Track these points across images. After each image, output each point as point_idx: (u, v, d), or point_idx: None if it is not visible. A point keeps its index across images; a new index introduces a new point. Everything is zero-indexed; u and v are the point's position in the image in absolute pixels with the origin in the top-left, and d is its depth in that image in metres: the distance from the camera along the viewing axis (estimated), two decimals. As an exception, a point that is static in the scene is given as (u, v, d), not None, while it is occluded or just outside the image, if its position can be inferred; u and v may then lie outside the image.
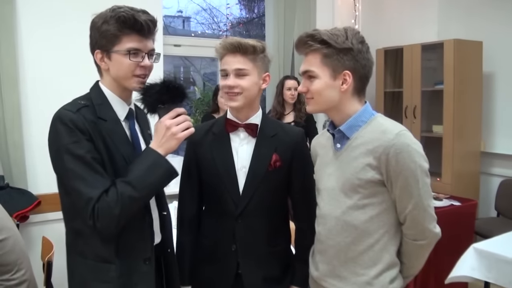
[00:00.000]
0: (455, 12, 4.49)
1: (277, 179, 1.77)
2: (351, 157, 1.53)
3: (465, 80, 4.09)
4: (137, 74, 1.53)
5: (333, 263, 1.58)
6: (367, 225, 1.51)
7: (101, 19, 1.48)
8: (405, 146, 1.44)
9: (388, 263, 1.54)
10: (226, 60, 1.70)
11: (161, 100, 1.52)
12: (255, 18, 5.62)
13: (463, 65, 4.07)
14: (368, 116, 1.56)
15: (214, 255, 1.80)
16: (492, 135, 4.34)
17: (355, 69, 1.51)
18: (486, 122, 4.34)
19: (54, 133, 1.44)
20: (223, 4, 5.40)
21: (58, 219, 3.36)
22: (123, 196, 1.40)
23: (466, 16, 4.42)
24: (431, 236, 1.53)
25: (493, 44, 4.21)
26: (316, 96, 1.54)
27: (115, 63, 1.51)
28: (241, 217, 1.74)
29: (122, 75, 1.52)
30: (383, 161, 1.45)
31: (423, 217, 1.49)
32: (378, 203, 1.51)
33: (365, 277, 1.53)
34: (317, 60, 1.51)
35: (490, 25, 4.24)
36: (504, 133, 4.26)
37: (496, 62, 4.25)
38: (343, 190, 1.54)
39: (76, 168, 1.39)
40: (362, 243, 1.52)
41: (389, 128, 1.49)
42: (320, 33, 1.50)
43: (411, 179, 1.44)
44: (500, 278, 2.49)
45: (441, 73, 4.19)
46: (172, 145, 1.49)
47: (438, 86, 4.27)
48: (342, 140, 1.58)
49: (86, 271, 1.49)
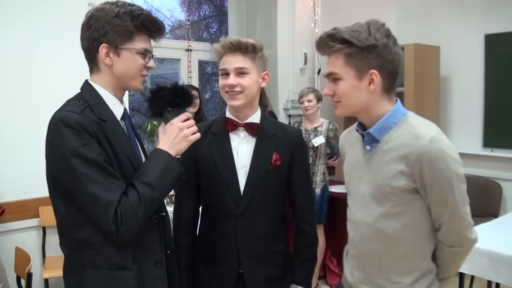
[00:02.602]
0: (413, 18, 4.70)
1: (277, 178, 1.78)
2: (382, 162, 1.45)
3: (424, 83, 4.29)
4: (143, 75, 1.51)
5: (367, 270, 1.52)
6: (400, 233, 1.44)
7: (109, 13, 1.41)
8: (440, 152, 1.34)
9: (424, 270, 1.48)
10: (226, 59, 1.70)
11: (173, 102, 1.51)
12: (197, 21, 5.61)
13: (422, 68, 4.27)
14: (399, 117, 1.46)
15: (215, 256, 1.79)
16: (449, 135, 4.55)
17: (382, 66, 1.40)
18: (443, 123, 4.56)
19: (58, 137, 1.34)
20: (165, 6, 5.36)
21: (24, 228, 3.29)
22: (145, 197, 1.37)
23: (423, 22, 4.64)
24: (468, 243, 1.46)
25: (449, 49, 4.44)
26: (343, 99, 1.45)
27: (125, 61, 1.45)
28: (242, 216, 1.74)
29: (130, 73, 1.48)
30: (416, 169, 1.37)
31: (459, 224, 1.42)
32: (412, 211, 1.43)
33: (400, 285, 1.47)
34: (340, 61, 1.42)
35: (446, 31, 4.47)
36: (459, 132, 4.51)
37: (452, 66, 4.49)
38: (375, 197, 1.47)
39: (90, 172, 1.32)
40: (396, 251, 1.46)
41: (422, 132, 1.39)
42: (340, 31, 1.40)
43: (447, 186, 1.36)
44: (475, 268, 2.62)
45: (400, 76, 4.35)
46: (182, 147, 1.50)
47: (397, 88, 4.42)
48: (371, 142, 1.49)
49: (101, 283, 1.40)
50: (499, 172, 4.22)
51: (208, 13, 5.99)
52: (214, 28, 6.24)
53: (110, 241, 1.38)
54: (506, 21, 4.06)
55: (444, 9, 4.51)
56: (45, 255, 3.44)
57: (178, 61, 4.69)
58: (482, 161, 4.33)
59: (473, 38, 4.29)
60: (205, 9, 5.92)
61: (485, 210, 4.15)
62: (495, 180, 4.20)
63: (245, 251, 1.75)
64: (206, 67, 5.66)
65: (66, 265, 1.48)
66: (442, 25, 4.51)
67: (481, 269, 2.59)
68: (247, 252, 1.75)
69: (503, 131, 4.20)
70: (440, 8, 4.54)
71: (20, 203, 3.33)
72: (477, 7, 4.26)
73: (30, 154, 3.23)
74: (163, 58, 4.88)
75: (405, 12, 4.72)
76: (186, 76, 4.60)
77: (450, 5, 4.46)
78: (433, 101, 4.43)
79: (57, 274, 3.12)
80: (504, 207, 4.16)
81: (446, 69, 4.49)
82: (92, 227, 1.37)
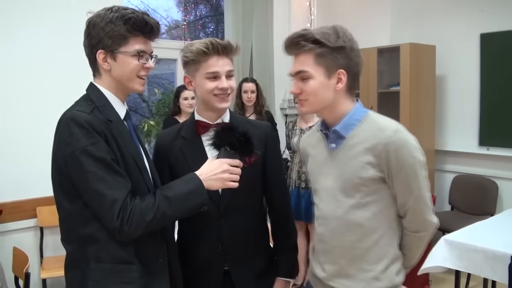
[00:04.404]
0: (407, 17, 4.73)
1: (254, 174, 1.78)
2: (349, 156, 1.52)
3: (419, 82, 4.31)
4: (141, 75, 1.53)
5: (340, 262, 1.57)
6: (371, 222, 1.51)
7: (104, 19, 1.45)
8: (404, 142, 1.45)
9: (393, 256, 1.55)
10: (215, 62, 1.68)
11: (234, 145, 1.55)
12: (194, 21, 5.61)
13: (418, 68, 4.29)
14: (361, 114, 1.55)
15: (199, 259, 1.79)
16: (445, 134, 4.61)
17: (348, 67, 1.50)
18: (439, 122, 4.59)
19: (68, 135, 1.37)
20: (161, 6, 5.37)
21: (21, 228, 3.30)
22: (159, 209, 1.40)
23: (417, 21, 4.67)
24: (431, 226, 1.56)
25: (445, 48, 4.47)
26: (311, 97, 1.52)
27: (121, 64, 1.48)
28: (224, 217, 1.74)
29: (126, 76, 1.50)
30: (383, 158, 1.45)
31: (423, 209, 1.51)
32: (380, 200, 1.51)
33: (372, 272, 1.53)
34: (310, 60, 1.49)
35: (441, 30, 4.50)
36: (455, 131, 4.54)
37: (448, 65, 4.52)
38: (344, 190, 1.53)
39: (98, 171, 1.35)
40: (367, 240, 1.52)
41: (386, 125, 1.49)
42: (312, 32, 1.47)
43: (411, 174, 1.45)
44: (471, 266, 2.65)
45: (395, 76, 4.39)
46: (216, 185, 1.52)
47: (393, 88, 4.46)
48: (337, 139, 1.56)
49: (104, 275, 1.43)
50: (495, 170, 4.25)
51: (204, 13, 6.00)
52: (211, 28, 6.25)
53: (113, 238, 1.40)
54: (502, 20, 4.09)
55: (440, 9, 4.53)
56: (43, 255, 3.45)
57: (174, 61, 4.70)
58: (478, 159, 4.36)
59: (469, 37, 4.32)
60: (201, 9, 5.93)
61: (481, 208, 4.18)
62: (491, 179, 4.23)
63: (230, 251, 1.75)
64: (203, 67, 5.64)
65: (68, 260, 1.50)
66: (437, 24, 4.53)
67: (476, 266, 2.61)
68: (232, 251, 1.75)
69: (499, 130, 4.22)
70: (435, 8, 4.56)
71: (18, 204, 3.34)
72: (473, 6, 4.28)
73: (28, 155, 3.26)
74: (159, 59, 4.87)
75: (401, 11, 4.74)
76: (183, 77, 4.60)
77: (445, 4, 4.49)
78: (429, 100, 4.46)
79: (55, 274, 3.13)
80: (500, 205, 4.18)
81: (442, 68, 4.51)
82: (97, 222, 1.40)
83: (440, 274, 3.43)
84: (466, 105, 4.43)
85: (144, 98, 5.62)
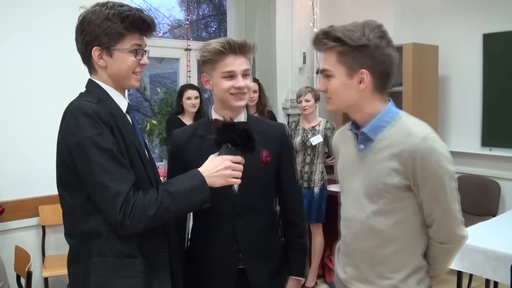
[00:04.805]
0: (410, 18, 4.72)
1: (269, 174, 1.81)
2: (376, 160, 1.48)
3: (422, 82, 4.30)
4: (136, 72, 1.53)
5: (360, 266, 1.55)
6: (392, 230, 1.47)
7: (99, 16, 1.44)
8: (432, 150, 1.37)
9: (415, 267, 1.51)
10: (232, 61, 1.71)
11: (235, 142, 1.54)
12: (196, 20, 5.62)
13: (421, 68, 4.28)
14: (392, 116, 1.49)
15: (213, 257, 1.80)
16: (447, 134, 4.59)
17: (373, 66, 1.43)
18: (442, 122, 4.58)
19: (75, 124, 1.36)
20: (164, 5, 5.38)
21: (24, 227, 3.30)
22: (162, 204, 1.40)
23: (420, 21, 4.66)
24: (459, 240, 1.49)
25: (448, 48, 4.45)
26: (334, 95, 1.50)
27: (117, 61, 1.48)
28: (239, 216, 1.76)
29: (123, 72, 1.50)
30: (409, 166, 1.39)
31: (450, 221, 1.45)
32: (404, 208, 1.46)
33: (392, 280, 1.49)
34: (333, 58, 1.45)
35: (444, 31, 4.48)
36: (458, 132, 4.53)
37: (451, 66, 4.50)
38: (368, 195, 1.49)
39: (103, 161, 1.35)
40: (388, 248, 1.48)
41: (415, 130, 1.42)
42: (335, 29, 1.43)
43: (438, 184, 1.39)
44: (473, 267, 2.64)
45: (398, 75, 4.36)
46: (218, 182, 1.52)
47: (395, 87, 4.44)
48: (365, 141, 1.52)
49: (106, 270, 1.43)
50: (498, 171, 4.23)
51: (207, 13, 6.00)
52: (213, 27, 6.26)
53: (115, 232, 1.41)
54: (504, 21, 4.07)
55: (443, 9, 4.52)
56: (45, 254, 3.45)
57: (177, 60, 4.70)
58: (480, 160, 4.34)
59: (472, 37, 4.30)
60: (204, 9, 5.93)
61: (483, 209, 4.16)
62: (494, 179, 4.21)
63: (245, 250, 1.77)
64: (205, 67, 5.65)
65: (71, 255, 1.51)
66: (440, 24, 4.51)
67: (478, 267, 2.60)
68: (247, 249, 1.77)
69: (502, 130, 4.21)
70: (438, 8, 4.55)
71: (20, 202, 3.34)
72: (475, 7, 4.27)
73: (30, 153, 3.27)
74: (162, 58, 4.89)
75: (404, 11, 4.74)
76: (185, 76, 4.61)
77: (448, 4, 4.47)
78: (432, 100, 4.45)
79: (57, 272, 3.13)
80: (502, 206, 4.16)
81: (445, 69, 4.50)
82: (99, 216, 1.40)
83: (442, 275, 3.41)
84: (469, 105, 4.41)
85: (147, 97, 5.63)
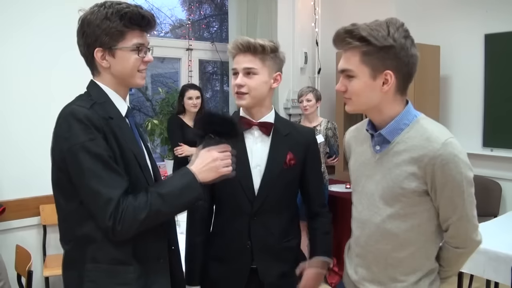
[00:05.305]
0: (412, 17, 4.69)
1: (291, 177, 1.81)
2: (393, 163, 1.45)
3: (424, 82, 4.30)
4: (141, 69, 1.52)
5: (372, 268, 1.53)
6: (408, 234, 1.45)
7: (98, 16, 1.42)
8: (452, 156, 1.35)
9: (428, 269, 1.50)
10: (237, 59, 1.73)
11: (217, 131, 1.52)
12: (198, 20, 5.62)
13: (422, 68, 4.23)
14: (410, 118, 1.45)
15: (227, 253, 1.81)
16: (448, 134, 4.58)
17: (397, 67, 1.38)
18: (443, 122, 4.52)
19: (67, 130, 1.35)
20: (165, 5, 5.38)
21: (24, 226, 3.31)
22: (152, 207, 1.37)
23: (422, 22, 4.63)
24: (473, 245, 1.49)
25: (450, 49, 4.45)
26: (354, 96, 1.44)
27: (120, 60, 1.46)
28: (256, 215, 1.76)
29: (127, 71, 1.48)
30: (428, 171, 1.37)
31: (467, 227, 1.44)
32: (420, 212, 1.44)
33: (404, 283, 1.49)
34: (356, 58, 1.38)
35: (446, 31, 4.48)
36: (459, 132, 4.50)
37: (452, 66, 4.50)
38: (384, 198, 1.47)
39: (94, 167, 1.33)
40: (403, 251, 1.47)
41: (435, 135, 1.39)
42: (359, 28, 1.37)
43: (457, 190, 1.38)
44: (474, 267, 2.64)
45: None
46: (210, 176, 1.49)
47: (397, 88, 4.44)
48: (382, 143, 1.49)
49: (100, 276, 1.41)
50: (499, 171, 4.23)
51: (208, 12, 5.99)
52: (215, 27, 6.25)
53: (108, 238, 1.39)
54: (506, 21, 4.07)
55: (444, 9, 4.52)
56: (46, 253, 3.45)
57: (178, 60, 4.70)
58: (481, 160, 4.33)
59: (473, 37, 4.30)
60: (205, 8, 5.92)
61: (484, 209, 4.15)
62: (495, 180, 4.21)
63: (259, 248, 1.77)
64: (207, 67, 5.67)
65: (65, 260, 1.49)
66: (442, 25, 4.51)
67: (479, 268, 2.61)
68: (261, 249, 1.77)
69: (503, 131, 4.21)
70: (440, 8, 4.55)
71: (21, 202, 3.35)
72: (477, 7, 4.27)
73: (31, 152, 3.27)
74: (163, 57, 4.89)
75: (405, 11, 4.72)
76: (187, 75, 4.61)
77: (450, 4, 4.47)
78: (433, 100, 4.45)
79: (58, 272, 3.12)
80: (503, 206, 4.17)
81: (446, 69, 4.50)
82: (93, 222, 1.38)
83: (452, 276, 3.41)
84: (470, 106, 4.41)
85: (148, 97, 5.63)
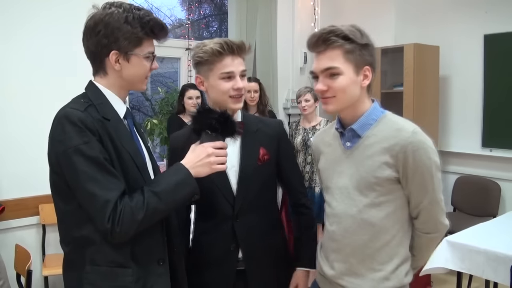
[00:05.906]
0: (411, 18, 4.72)
1: (267, 172, 1.80)
2: (365, 155, 1.53)
3: (423, 83, 4.30)
4: (147, 76, 1.54)
5: (350, 261, 1.57)
6: (384, 222, 1.52)
7: (119, 19, 1.41)
8: (422, 143, 1.46)
9: (403, 257, 1.56)
10: (231, 62, 1.68)
11: (213, 127, 1.52)
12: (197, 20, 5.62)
13: (422, 68, 4.28)
14: (378, 114, 1.56)
15: (212, 257, 1.79)
16: (448, 135, 4.59)
17: (372, 64, 1.53)
18: (442, 122, 4.58)
19: (61, 133, 1.35)
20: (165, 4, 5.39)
21: (24, 225, 3.30)
22: (149, 206, 1.37)
23: (421, 22, 4.66)
24: (443, 228, 1.58)
25: (449, 49, 4.46)
26: (340, 93, 1.50)
27: (134, 66, 1.46)
28: (238, 216, 1.75)
29: (138, 77, 1.50)
30: (400, 159, 1.46)
31: (437, 211, 1.53)
32: (394, 200, 1.52)
33: (382, 272, 1.54)
34: (340, 56, 1.47)
35: (445, 31, 4.48)
36: (458, 132, 4.53)
37: (452, 66, 4.50)
38: (358, 188, 1.54)
39: (90, 170, 1.33)
40: (379, 240, 1.53)
41: (404, 125, 1.50)
42: (341, 29, 1.48)
43: (427, 175, 1.47)
44: (473, 267, 2.65)
45: (399, 76, 4.38)
46: (203, 171, 1.50)
47: (396, 88, 4.45)
48: (352, 138, 1.57)
49: (99, 278, 1.41)
50: (498, 172, 4.24)
51: (208, 12, 6.01)
52: (214, 27, 6.27)
53: (107, 240, 1.38)
54: (506, 21, 4.07)
55: (444, 9, 4.52)
56: (45, 252, 3.46)
57: (178, 60, 4.70)
58: (481, 161, 4.35)
59: (473, 38, 4.30)
60: (205, 8, 5.94)
61: (483, 209, 4.17)
62: (494, 180, 4.21)
63: (245, 249, 1.76)
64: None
65: (65, 262, 1.49)
66: (441, 25, 4.51)
67: (479, 268, 2.61)
68: (247, 249, 1.76)
69: (502, 131, 4.21)
70: (439, 8, 4.55)
71: (20, 201, 3.35)
72: (477, 7, 4.27)
73: (30, 152, 3.26)
74: (163, 57, 4.89)
75: (405, 12, 4.74)
76: (186, 75, 4.61)
77: (449, 5, 4.47)
78: (432, 101, 4.45)
79: (57, 271, 3.13)
80: (502, 207, 4.17)
81: (446, 69, 4.50)
82: (92, 224, 1.38)
83: (442, 275, 3.41)
84: (470, 106, 4.41)
85: (148, 97, 5.63)
